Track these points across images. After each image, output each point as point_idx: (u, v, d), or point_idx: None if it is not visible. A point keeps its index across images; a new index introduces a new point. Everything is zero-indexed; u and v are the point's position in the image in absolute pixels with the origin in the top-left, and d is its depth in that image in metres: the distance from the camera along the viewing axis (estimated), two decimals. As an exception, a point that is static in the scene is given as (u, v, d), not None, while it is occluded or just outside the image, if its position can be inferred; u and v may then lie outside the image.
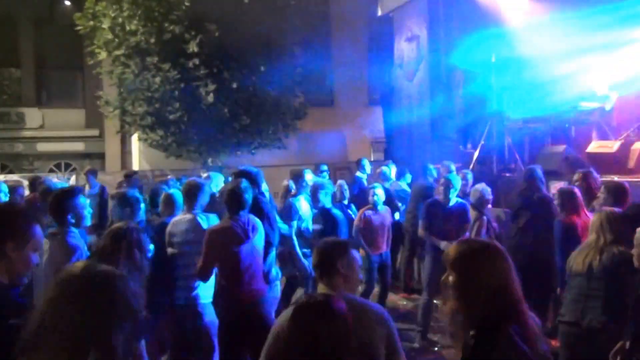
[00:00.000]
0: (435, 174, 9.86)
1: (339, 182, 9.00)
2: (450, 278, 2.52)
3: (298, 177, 8.27)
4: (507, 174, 11.58)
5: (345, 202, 8.60)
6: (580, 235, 5.80)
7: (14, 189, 8.57)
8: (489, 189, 7.76)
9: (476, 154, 12.49)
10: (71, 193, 4.67)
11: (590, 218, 5.39)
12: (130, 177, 11.46)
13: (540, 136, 11.99)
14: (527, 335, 2.40)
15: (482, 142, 12.50)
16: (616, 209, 4.94)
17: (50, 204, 4.57)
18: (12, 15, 21.22)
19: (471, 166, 11.74)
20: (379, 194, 8.30)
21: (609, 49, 10.93)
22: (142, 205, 5.84)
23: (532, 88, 12.23)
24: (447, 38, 13.86)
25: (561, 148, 10.60)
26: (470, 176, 9.08)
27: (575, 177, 6.75)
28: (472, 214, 7.56)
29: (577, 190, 6.28)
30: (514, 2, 12.63)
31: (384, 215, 8.38)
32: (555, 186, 8.37)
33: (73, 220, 4.49)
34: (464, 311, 2.48)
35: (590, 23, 10.74)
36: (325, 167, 11.46)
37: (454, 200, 7.56)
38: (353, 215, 8.41)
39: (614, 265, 4.56)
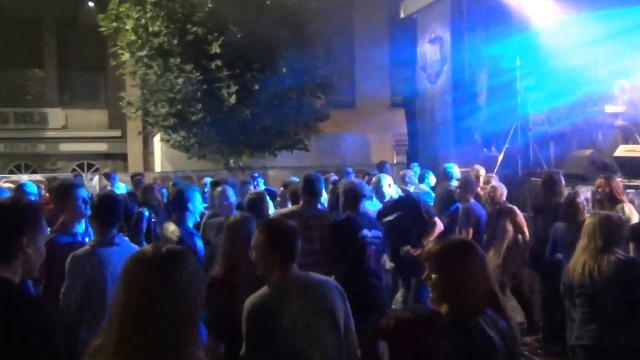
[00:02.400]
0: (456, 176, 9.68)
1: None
2: (433, 275, 2.67)
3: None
4: (533, 178, 11.41)
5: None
6: None
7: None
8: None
9: (500, 157, 12.34)
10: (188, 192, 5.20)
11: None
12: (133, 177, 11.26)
13: (566, 140, 11.81)
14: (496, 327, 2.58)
15: (507, 145, 12.35)
16: (612, 213, 4.69)
17: (175, 202, 4.97)
18: (36, 17, 21.42)
19: (495, 170, 11.58)
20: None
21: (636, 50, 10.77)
22: None
23: (558, 90, 12.06)
24: (470, 39, 13.71)
25: (588, 152, 10.43)
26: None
27: (598, 182, 6.64)
28: None
29: None
30: (538, 2, 12.46)
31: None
32: (583, 191, 8.23)
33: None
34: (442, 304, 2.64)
35: (617, 24, 10.57)
36: (350, 170, 11.39)
37: None
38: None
39: (617, 274, 4.26)
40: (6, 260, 2.66)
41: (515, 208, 7.87)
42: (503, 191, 7.93)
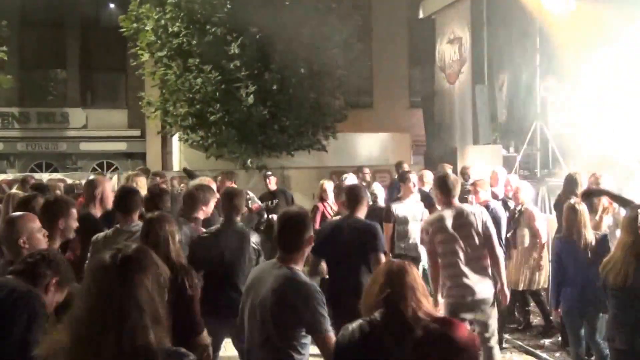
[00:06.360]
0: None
1: (374, 185, 9.04)
2: None
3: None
4: (551, 180, 11.32)
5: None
6: None
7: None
8: None
9: (519, 157, 12.27)
10: None
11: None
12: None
13: (588, 140, 11.68)
14: None
15: (525, 146, 12.27)
16: None
17: None
18: (58, 18, 21.68)
19: (513, 171, 11.51)
20: None
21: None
22: None
23: (579, 90, 11.95)
24: (490, 40, 13.65)
25: (608, 153, 10.31)
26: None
27: None
28: None
29: None
30: (559, 2, 12.34)
31: None
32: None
33: None
34: None
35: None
36: (367, 171, 11.41)
37: None
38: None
39: None
40: None
41: (535, 211, 7.77)
42: (527, 191, 7.82)
